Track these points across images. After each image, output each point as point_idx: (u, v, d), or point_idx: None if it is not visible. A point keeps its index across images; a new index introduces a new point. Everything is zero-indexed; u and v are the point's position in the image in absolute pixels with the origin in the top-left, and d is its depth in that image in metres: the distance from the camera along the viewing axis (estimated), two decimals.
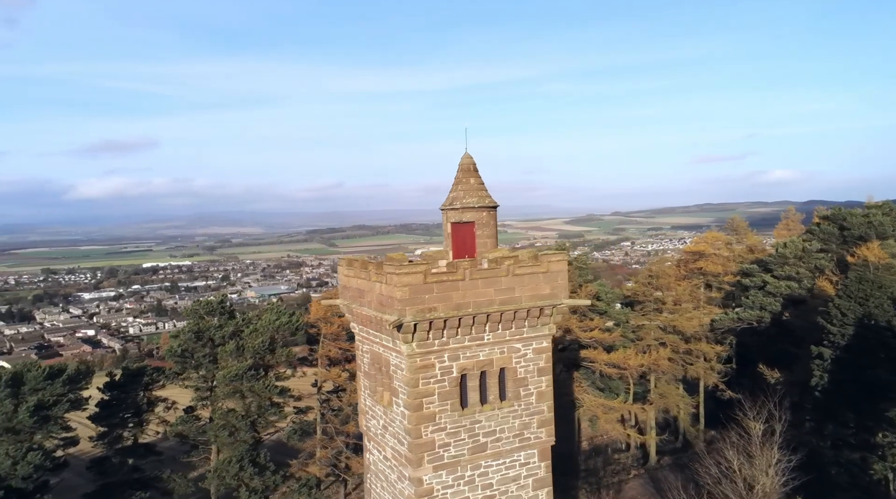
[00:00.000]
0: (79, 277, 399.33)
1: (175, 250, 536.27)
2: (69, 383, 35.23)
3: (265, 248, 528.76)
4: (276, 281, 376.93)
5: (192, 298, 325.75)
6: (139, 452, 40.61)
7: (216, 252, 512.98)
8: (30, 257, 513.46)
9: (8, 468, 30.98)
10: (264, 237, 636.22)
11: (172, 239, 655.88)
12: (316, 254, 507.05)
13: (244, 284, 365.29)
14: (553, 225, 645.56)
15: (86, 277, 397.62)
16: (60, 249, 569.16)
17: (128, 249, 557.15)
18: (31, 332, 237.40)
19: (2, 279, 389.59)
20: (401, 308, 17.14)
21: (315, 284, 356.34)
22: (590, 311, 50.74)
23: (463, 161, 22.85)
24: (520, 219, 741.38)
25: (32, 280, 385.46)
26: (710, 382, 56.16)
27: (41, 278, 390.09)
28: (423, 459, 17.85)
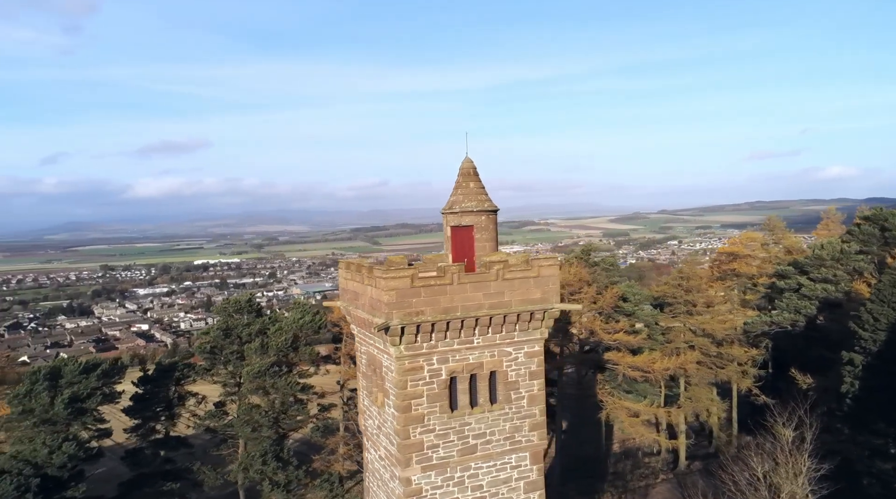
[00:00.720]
0: (134, 274, 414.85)
1: (224, 248, 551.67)
2: (103, 377, 37.01)
3: (311, 246, 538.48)
4: (321, 278, 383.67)
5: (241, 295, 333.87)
6: (171, 444, 42.27)
7: (264, 250, 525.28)
8: (90, 254, 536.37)
9: (44, 457, 32.79)
10: (310, 235, 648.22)
11: (222, 237, 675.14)
12: (359, 252, 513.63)
13: (290, 281, 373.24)
14: (597, 223, 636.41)
15: (141, 274, 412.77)
16: (118, 247, 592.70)
17: (180, 247, 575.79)
18: (90, 326, 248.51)
19: (63, 275, 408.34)
20: (388, 312, 17.54)
21: None
22: (615, 312, 50.18)
23: (463, 165, 23.08)
24: (563, 217, 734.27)
25: (92, 276, 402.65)
26: (743, 386, 54.80)
27: (100, 275, 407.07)
28: (411, 459, 18.22)
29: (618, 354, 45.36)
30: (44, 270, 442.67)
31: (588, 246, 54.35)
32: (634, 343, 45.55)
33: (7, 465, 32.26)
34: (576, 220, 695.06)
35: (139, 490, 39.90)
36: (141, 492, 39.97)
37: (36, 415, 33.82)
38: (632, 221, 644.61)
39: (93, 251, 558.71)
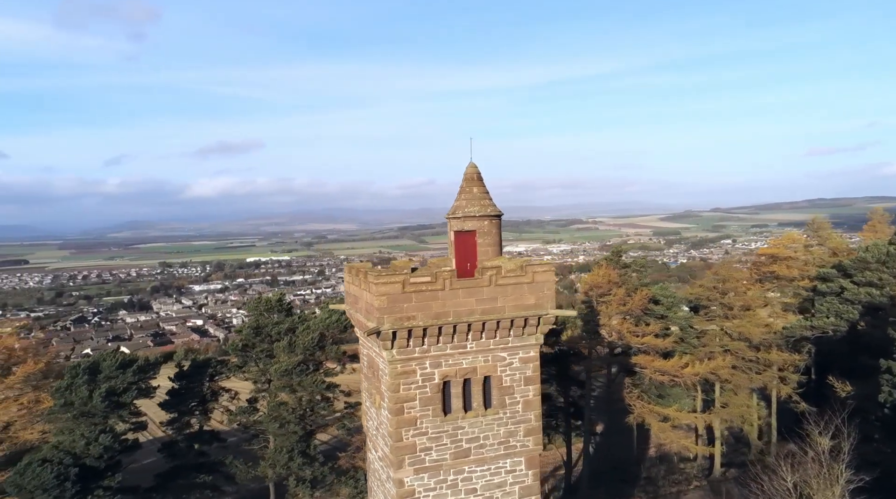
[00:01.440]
0: (190, 271, 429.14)
1: (276, 246, 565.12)
2: (139, 372, 38.76)
3: (358, 244, 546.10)
4: None
5: (290, 292, 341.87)
6: (205, 438, 43.88)
7: (313, 248, 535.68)
8: (149, 252, 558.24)
9: (82, 448, 34.62)
10: (358, 234, 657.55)
11: (274, 235, 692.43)
12: (406, 250, 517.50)
13: (338, 279, 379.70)
14: (648, 222, 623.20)
15: (196, 271, 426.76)
16: (175, 245, 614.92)
17: (234, 245, 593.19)
18: (149, 320, 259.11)
19: (125, 272, 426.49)
20: (379, 316, 17.92)
21: None
22: (645, 314, 49.35)
23: (467, 170, 23.26)
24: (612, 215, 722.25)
25: (151, 273, 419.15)
26: (783, 392, 53.09)
27: (158, 271, 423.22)
28: (403, 461, 18.56)
29: (645, 357, 44.63)
30: (107, 266, 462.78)
31: (618, 247, 53.58)
32: (662, 346, 44.70)
33: (49, 454, 34.19)
34: (625, 218, 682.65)
35: (174, 481, 41.62)
36: (175, 483, 41.68)
37: (76, 408, 35.72)
38: (683, 219, 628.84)
39: (152, 249, 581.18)
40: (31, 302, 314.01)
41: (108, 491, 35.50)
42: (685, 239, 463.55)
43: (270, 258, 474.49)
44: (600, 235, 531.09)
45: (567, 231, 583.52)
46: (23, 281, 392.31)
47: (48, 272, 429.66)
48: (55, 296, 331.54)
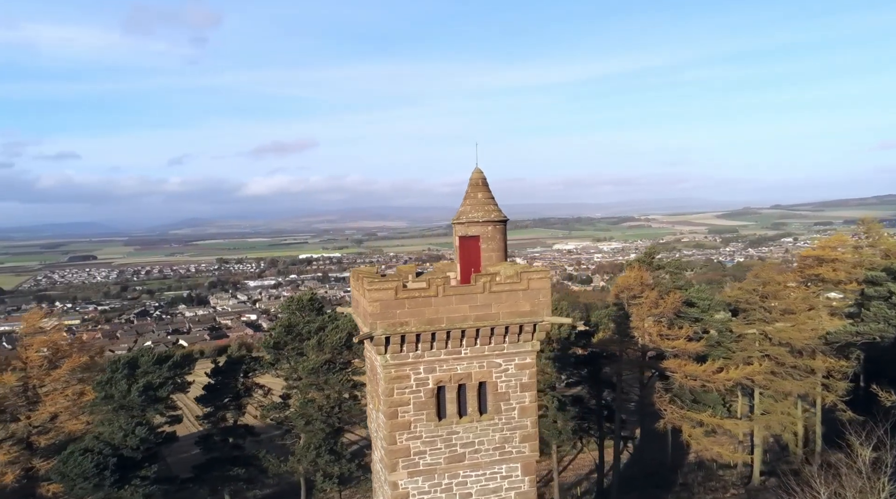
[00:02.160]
0: (246, 267, 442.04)
1: (327, 243, 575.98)
2: (174, 367, 40.48)
3: (408, 241, 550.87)
4: None
5: (340, 288, 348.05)
6: (239, 432, 45.42)
7: (363, 245, 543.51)
8: (207, 248, 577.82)
9: (120, 439, 36.48)
10: (407, 231, 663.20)
11: (325, 232, 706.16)
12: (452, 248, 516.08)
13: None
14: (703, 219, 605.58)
15: (251, 267, 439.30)
16: (232, 241, 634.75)
17: (287, 242, 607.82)
18: (206, 314, 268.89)
19: (185, 267, 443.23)
20: (372, 322, 18.30)
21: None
22: (679, 317, 48.27)
23: (472, 176, 23.41)
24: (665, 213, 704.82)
25: (209, 268, 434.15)
26: (828, 400, 51.02)
27: (216, 267, 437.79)
28: (397, 464, 18.90)
29: (675, 361, 43.67)
30: (168, 262, 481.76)
31: (651, 248, 52.48)
32: (693, 350, 43.62)
33: (90, 444, 36.17)
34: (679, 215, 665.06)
35: (209, 473, 43.30)
36: (211, 475, 43.36)
37: (115, 401, 37.63)
38: (741, 216, 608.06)
39: (210, 245, 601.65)
40: (99, 296, 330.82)
41: (144, 481, 37.31)
42: (743, 237, 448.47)
43: (322, 255, 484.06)
44: (653, 233, 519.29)
45: (618, 229, 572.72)
46: (91, 276, 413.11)
47: (114, 267, 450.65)
48: (120, 290, 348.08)
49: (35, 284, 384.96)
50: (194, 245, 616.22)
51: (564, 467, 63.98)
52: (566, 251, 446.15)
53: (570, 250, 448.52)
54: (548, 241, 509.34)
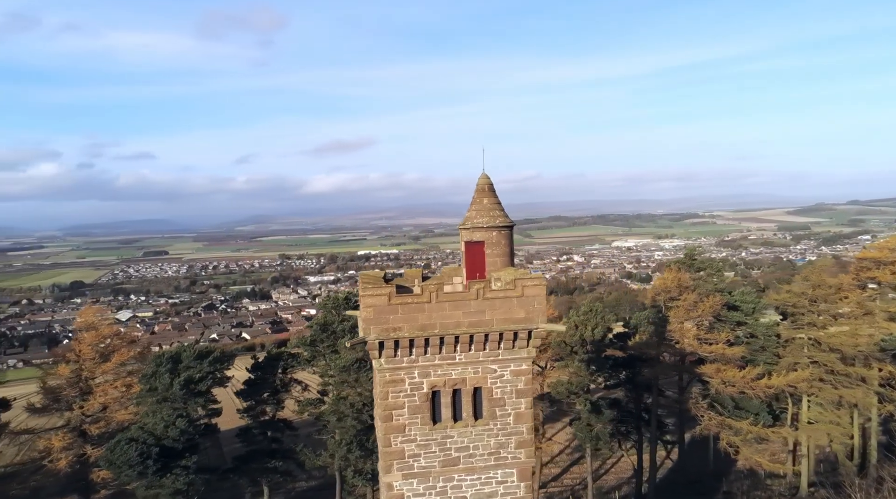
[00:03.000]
0: (306, 263, 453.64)
1: (385, 239, 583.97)
2: (214, 363, 42.27)
3: None
4: None
5: None
6: (278, 426, 47.00)
7: (420, 241, 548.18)
8: (270, 244, 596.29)
9: (162, 430, 38.45)
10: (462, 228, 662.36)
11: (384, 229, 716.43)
12: None
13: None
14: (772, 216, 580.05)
15: (312, 263, 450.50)
16: (293, 238, 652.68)
17: (346, 238, 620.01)
18: (268, 308, 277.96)
19: (249, 263, 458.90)
20: (366, 327, 18.79)
21: None
22: (719, 321, 46.83)
23: (479, 181, 23.57)
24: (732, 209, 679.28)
25: (272, 264, 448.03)
26: (885, 410, 48.49)
27: (278, 263, 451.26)
28: (392, 466, 19.35)
29: (713, 366, 42.40)
30: (234, 257, 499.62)
31: (692, 250, 50.99)
32: (730, 355, 42.23)
33: (135, 434, 38.31)
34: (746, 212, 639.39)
35: (248, 465, 45.04)
36: (250, 466, 45.09)
37: (158, 393, 39.68)
38: (814, 212, 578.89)
39: (273, 242, 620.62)
40: (170, 289, 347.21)
41: (184, 470, 39.20)
42: (815, 234, 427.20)
43: (380, 251, 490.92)
44: (718, 230, 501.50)
45: (681, 226, 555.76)
46: (163, 270, 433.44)
47: (184, 263, 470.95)
48: (189, 284, 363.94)
49: (113, 277, 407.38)
50: (258, 241, 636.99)
51: (606, 470, 63.13)
52: (625, 248, 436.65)
53: (629, 248, 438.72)
54: (606, 238, 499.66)
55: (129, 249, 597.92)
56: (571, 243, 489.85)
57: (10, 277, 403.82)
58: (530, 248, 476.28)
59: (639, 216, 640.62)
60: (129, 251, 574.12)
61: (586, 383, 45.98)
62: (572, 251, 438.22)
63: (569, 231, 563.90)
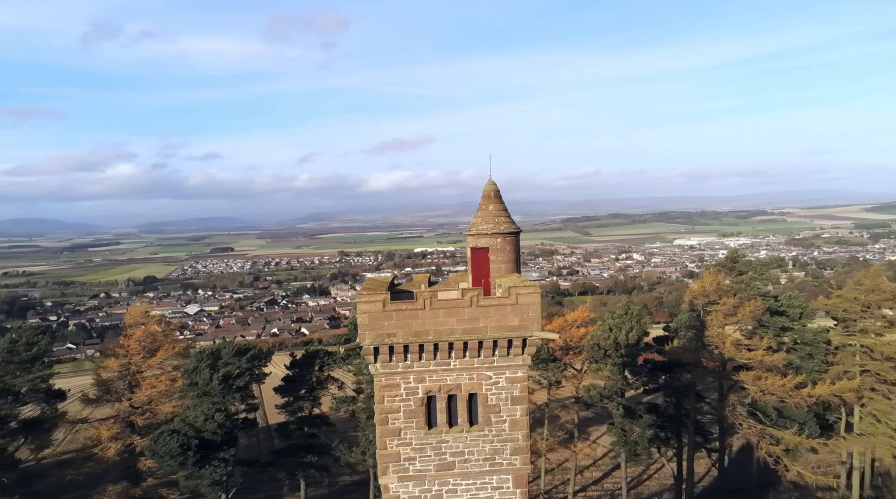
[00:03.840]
0: (364, 259, 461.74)
1: (441, 237, 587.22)
2: (252, 359, 43.91)
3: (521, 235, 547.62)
4: (529, 268, 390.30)
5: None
6: (314, 422, 48.38)
7: None
8: (330, 241, 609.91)
9: (201, 423, 40.29)
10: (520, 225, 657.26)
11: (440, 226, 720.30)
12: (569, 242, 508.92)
13: None
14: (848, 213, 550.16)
15: (370, 260, 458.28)
16: (352, 235, 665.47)
17: (403, 236, 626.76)
18: (327, 304, 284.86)
19: (309, 259, 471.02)
20: (361, 333, 19.29)
21: (566, 272, 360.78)
22: (761, 326, 45.17)
23: (485, 188, 23.73)
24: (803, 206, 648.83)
25: (331, 261, 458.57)
26: None
27: (337, 260, 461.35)
28: (388, 468, 19.79)
29: (751, 374, 40.91)
30: (295, 254, 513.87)
31: (734, 252, 49.25)
32: (770, 362, 40.62)
33: (177, 426, 40.28)
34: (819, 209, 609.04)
35: (285, 459, 46.62)
36: (286, 460, 46.65)
37: (199, 388, 41.55)
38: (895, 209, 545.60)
39: (333, 239, 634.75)
40: (234, 285, 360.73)
41: (223, 462, 40.96)
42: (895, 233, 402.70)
43: (436, 249, 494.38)
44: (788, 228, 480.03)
45: (748, 223, 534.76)
46: (228, 266, 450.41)
47: (248, 259, 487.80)
48: (253, 280, 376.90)
49: (182, 273, 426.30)
50: (318, 238, 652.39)
51: (650, 475, 61.94)
52: (688, 247, 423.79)
53: (692, 246, 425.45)
54: (668, 236, 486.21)
55: (198, 245, 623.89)
56: (631, 242, 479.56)
57: (90, 272, 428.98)
58: (588, 246, 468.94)
59: (703, 214, 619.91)
60: (198, 248, 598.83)
61: (620, 387, 45.23)
62: (632, 250, 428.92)
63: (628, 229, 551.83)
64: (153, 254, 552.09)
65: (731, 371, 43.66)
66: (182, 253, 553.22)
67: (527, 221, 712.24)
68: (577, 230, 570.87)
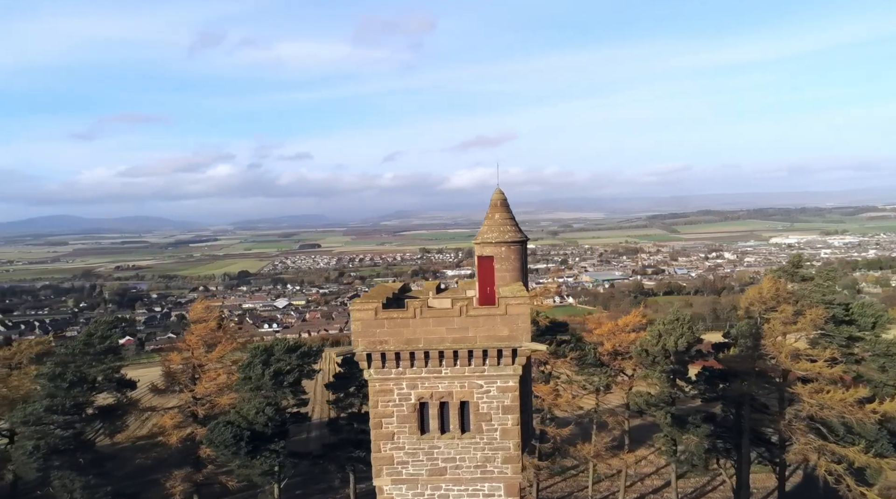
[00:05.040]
0: (445, 257, 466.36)
1: None
2: (302, 357, 45.86)
3: (604, 233, 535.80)
4: (612, 267, 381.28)
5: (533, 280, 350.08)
6: (364, 418, 49.85)
7: (558, 236, 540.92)
8: (412, 239, 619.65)
9: (253, 416, 42.61)
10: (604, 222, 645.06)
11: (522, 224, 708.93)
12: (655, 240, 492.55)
13: (580, 268, 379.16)
14: None
15: (450, 257, 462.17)
16: (434, 232, 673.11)
17: None
18: None
19: (391, 256, 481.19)
20: (354, 340, 20.00)
21: (651, 271, 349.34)
22: (823, 337, 42.42)
23: (492, 197, 23.91)
24: None
25: (412, 257, 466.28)
26: None
27: (418, 256, 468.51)
28: (382, 471, 20.43)
29: (809, 386, 38.51)
30: (378, 251, 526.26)
31: (796, 257, 46.36)
32: (829, 375, 38.08)
33: (232, 418, 42.81)
34: None
35: (335, 453, 48.36)
36: (336, 455, 48.38)
37: (252, 382, 43.93)
38: None
39: (415, 236, 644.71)
40: (321, 280, 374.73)
41: (273, 453, 43.15)
42: None
43: None
44: None
45: (855, 220, 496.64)
46: (315, 262, 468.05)
47: (334, 255, 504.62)
48: (338, 275, 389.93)
49: (273, 268, 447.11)
50: (401, 235, 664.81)
51: (714, 487, 59.53)
52: (785, 246, 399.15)
53: (790, 245, 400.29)
54: (764, 234, 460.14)
55: (288, 241, 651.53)
56: (722, 239, 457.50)
57: (190, 266, 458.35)
58: (675, 244, 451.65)
59: (803, 210, 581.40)
60: (287, 244, 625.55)
61: (668, 395, 43.77)
62: (723, 248, 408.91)
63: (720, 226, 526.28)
64: (247, 250, 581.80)
65: (786, 383, 41.30)
66: (273, 249, 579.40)
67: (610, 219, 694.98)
68: (663, 227, 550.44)
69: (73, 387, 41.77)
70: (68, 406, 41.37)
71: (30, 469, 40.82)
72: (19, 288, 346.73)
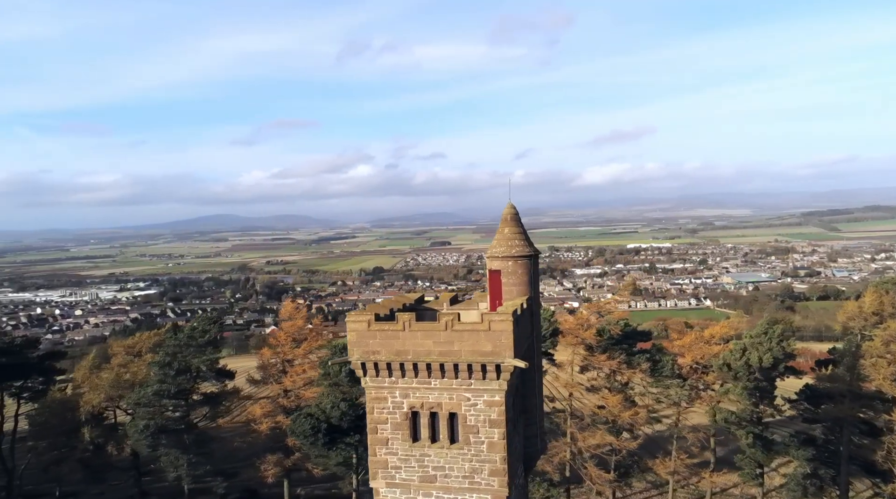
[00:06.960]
0: (574, 255, 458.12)
1: (658, 232, 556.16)
2: None
3: (750, 231, 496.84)
4: (758, 268, 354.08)
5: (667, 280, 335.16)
6: None
7: (697, 235, 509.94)
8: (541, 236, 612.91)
9: (329, 410, 45.56)
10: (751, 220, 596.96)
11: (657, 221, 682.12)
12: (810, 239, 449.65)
13: (721, 269, 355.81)
14: None
15: (579, 255, 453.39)
16: (563, 230, 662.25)
17: (616, 231, 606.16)
18: None
19: None
20: (350, 349, 21.20)
21: (803, 273, 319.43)
22: None
23: (503, 212, 24.14)
24: None
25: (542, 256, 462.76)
26: None
27: (546, 254, 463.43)
28: (377, 474, 21.43)
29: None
30: None
31: None
32: None
33: (311, 411, 46.13)
34: None
35: None
36: None
37: (330, 378, 46.97)
38: None
39: (544, 234, 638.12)
40: (450, 277, 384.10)
41: (347, 446, 45.94)
42: None
43: (651, 245, 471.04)
44: None
45: None
46: (445, 259, 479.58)
47: (463, 252, 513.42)
48: (466, 272, 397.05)
49: (405, 264, 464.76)
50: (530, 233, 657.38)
51: None
52: None
53: None
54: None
55: (420, 239, 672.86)
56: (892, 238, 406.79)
57: (330, 262, 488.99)
58: (835, 243, 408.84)
59: None
60: (419, 241, 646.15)
61: (749, 413, 40.68)
62: (894, 249, 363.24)
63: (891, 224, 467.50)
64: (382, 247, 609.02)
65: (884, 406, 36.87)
66: (406, 246, 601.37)
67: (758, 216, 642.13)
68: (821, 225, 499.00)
69: (179, 374, 47.20)
70: (174, 391, 46.85)
71: (142, 445, 46.74)
72: (188, 280, 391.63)
